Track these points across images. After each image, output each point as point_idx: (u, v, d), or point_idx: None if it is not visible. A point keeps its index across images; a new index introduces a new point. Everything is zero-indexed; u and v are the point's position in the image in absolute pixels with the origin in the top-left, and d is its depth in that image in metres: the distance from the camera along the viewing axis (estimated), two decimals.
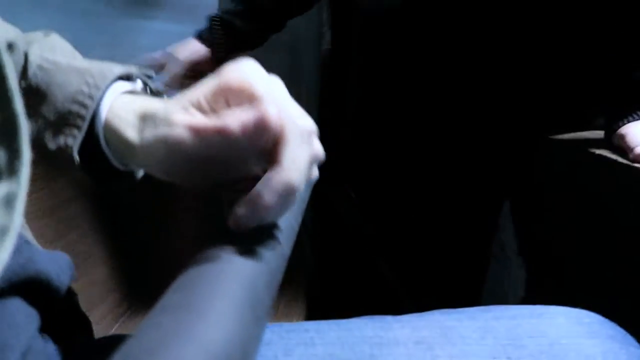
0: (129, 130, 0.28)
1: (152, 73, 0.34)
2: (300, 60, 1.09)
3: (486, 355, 0.32)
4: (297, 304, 0.79)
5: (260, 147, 0.25)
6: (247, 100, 0.25)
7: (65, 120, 0.29)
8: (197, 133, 0.25)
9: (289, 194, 0.25)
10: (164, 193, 0.80)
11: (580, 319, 0.34)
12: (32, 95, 0.30)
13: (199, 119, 0.25)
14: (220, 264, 0.24)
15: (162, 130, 0.26)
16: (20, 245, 0.26)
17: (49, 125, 0.30)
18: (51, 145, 0.29)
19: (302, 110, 0.27)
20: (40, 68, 0.31)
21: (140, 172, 0.34)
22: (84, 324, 0.35)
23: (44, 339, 0.28)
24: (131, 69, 0.32)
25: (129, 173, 0.32)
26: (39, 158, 0.28)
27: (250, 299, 0.23)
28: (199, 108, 0.26)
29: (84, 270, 0.67)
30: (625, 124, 0.60)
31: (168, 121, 0.25)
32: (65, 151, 0.29)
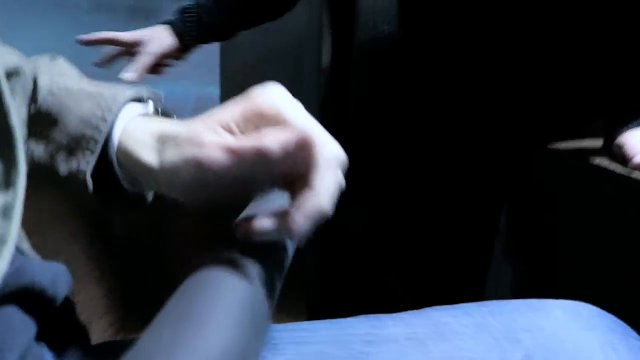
0: (145, 152, 0.28)
1: (162, 95, 0.34)
2: (302, 70, 1.09)
3: (480, 350, 0.32)
4: (297, 305, 0.78)
5: (293, 169, 0.25)
6: (279, 125, 0.26)
7: (78, 145, 0.29)
8: (235, 154, 0.24)
9: (319, 219, 0.25)
10: (163, 209, 0.80)
11: (578, 312, 0.34)
12: (43, 121, 0.30)
13: (233, 140, 0.25)
14: (221, 275, 0.24)
15: (191, 152, 0.25)
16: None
17: (61, 150, 0.29)
18: (63, 170, 0.29)
19: (332, 138, 0.27)
20: (51, 93, 0.30)
21: (151, 196, 0.33)
22: (82, 334, 0.35)
23: (40, 346, 0.29)
24: (142, 91, 0.32)
25: (139, 197, 0.32)
26: (48, 186, 0.28)
27: (250, 311, 0.23)
28: (229, 130, 0.26)
29: (83, 286, 0.67)
30: (623, 133, 0.60)
31: (197, 142, 0.25)
32: (77, 176, 0.29)
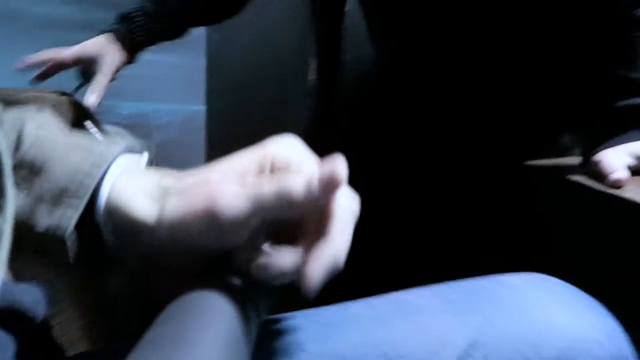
0: (139, 207, 0.26)
1: (153, 147, 0.32)
2: (287, 89, 1.10)
3: (442, 320, 0.32)
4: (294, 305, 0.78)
5: (314, 213, 0.25)
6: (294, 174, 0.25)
7: (62, 198, 0.26)
8: (254, 199, 0.24)
9: (333, 271, 0.24)
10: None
11: (537, 281, 0.35)
12: (25, 170, 0.28)
13: (249, 187, 0.24)
14: (207, 297, 0.24)
15: (202, 200, 0.24)
16: None
17: (42, 202, 0.26)
18: (42, 224, 0.26)
19: (350, 189, 0.27)
20: (35, 143, 0.28)
21: (135, 262, 0.31)
22: (62, 355, 0.35)
23: None
24: (134, 143, 0.30)
25: (123, 260, 0.29)
26: (20, 243, 0.26)
27: (236, 333, 0.23)
28: (241, 178, 0.25)
29: (63, 307, 0.66)
30: (600, 150, 0.61)
31: (208, 190, 0.24)
32: (56, 232, 0.26)
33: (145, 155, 0.31)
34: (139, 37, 0.73)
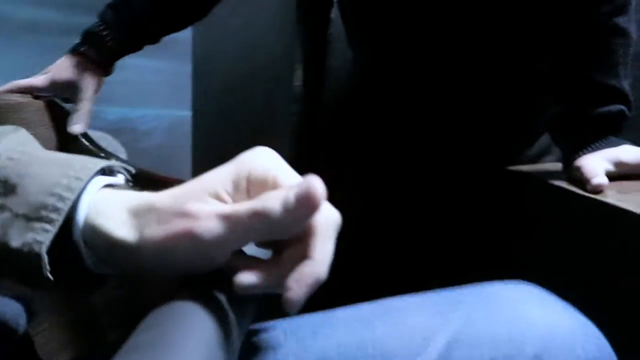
0: (118, 227, 0.25)
1: (133, 168, 0.31)
2: (272, 95, 1.11)
3: (423, 317, 0.33)
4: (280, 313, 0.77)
5: (292, 231, 0.24)
6: (271, 189, 0.25)
7: (37, 214, 0.25)
8: (230, 220, 0.23)
9: (314, 287, 0.24)
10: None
11: (518, 286, 0.36)
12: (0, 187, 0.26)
13: (227, 208, 0.24)
14: (190, 305, 0.24)
15: (180, 224, 0.24)
16: None
17: (16, 219, 0.25)
18: (16, 242, 0.25)
19: (328, 203, 0.26)
20: (11, 159, 0.27)
21: (109, 279, 0.30)
22: None
23: None
24: (113, 162, 0.30)
25: (98, 277, 0.28)
26: None
27: (218, 339, 0.23)
28: (218, 198, 0.25)
29: (45, 317, 0.64)
30: (581, 155, 0.63)
31: (185, 213, 0.24)
32: (30, 250, 0.25)
33: (120, 176, 0.30)
34: (108, 56, 0.71)
